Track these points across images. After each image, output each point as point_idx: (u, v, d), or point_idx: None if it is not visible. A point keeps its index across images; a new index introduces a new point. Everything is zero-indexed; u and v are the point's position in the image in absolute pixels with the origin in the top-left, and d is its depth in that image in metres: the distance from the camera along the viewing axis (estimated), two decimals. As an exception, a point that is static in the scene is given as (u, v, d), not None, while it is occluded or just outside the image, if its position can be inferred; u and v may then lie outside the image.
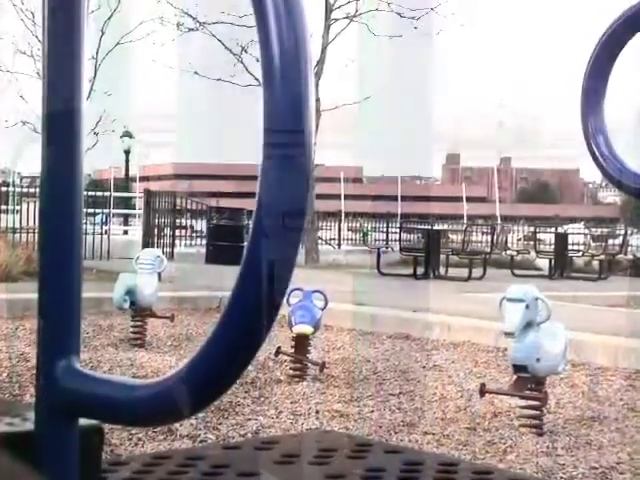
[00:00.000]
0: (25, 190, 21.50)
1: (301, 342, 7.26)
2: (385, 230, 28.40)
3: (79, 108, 1.17)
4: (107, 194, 25.41)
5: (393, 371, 7.62)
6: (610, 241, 25.73)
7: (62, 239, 1.17)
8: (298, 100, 0.90)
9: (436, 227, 22.53)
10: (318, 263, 22.43)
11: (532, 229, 27.02)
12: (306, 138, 0.91)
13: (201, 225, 26.77)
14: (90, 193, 22.52)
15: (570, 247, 22.97)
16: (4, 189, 21.50)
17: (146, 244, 20.04)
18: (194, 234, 27.53)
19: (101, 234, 19.98)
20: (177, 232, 24.63)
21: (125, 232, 29.47)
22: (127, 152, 38.15)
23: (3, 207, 20.50)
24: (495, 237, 24.41)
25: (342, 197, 49.48)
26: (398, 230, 24.17)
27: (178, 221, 25.16)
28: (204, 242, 23.59)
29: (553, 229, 25.14)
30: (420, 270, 19.36)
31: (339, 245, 31.90)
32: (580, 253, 22.93)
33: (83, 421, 1.20)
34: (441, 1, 24.16)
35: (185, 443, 4.94)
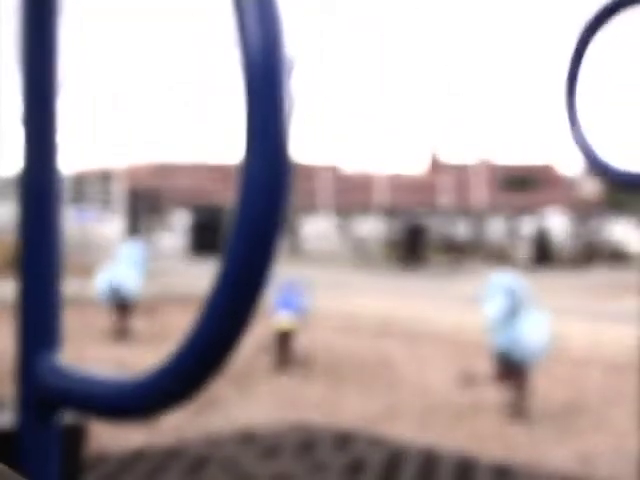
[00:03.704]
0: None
1: (284, 333, 7.27)
2: (366, 222, 28.41)
3: (54, 104, 1.17)
4: (90, 190, 25.33)
5: (375, 360, 7.64)
6: (590, 230, 25.82)
7: (42, 234, 1.17)
8: (275, 103, 0.90)
9: (416, 218, 22.58)
10: (299, 256, 22.42)
11: (513, 219, 27.10)
12: (284, 134, 0.91)
13: (184, 220, 26.74)
14: (72, 189, 22.46)
15: (550, 237, 23.04)
16: None
17: (129, 238, 20.01)
18: (177, 228, 27.48)
19: (83, 229, 19.93)
20: (160, 226, 24.56)
21: (107, 227, 29.41)
22: (112, 146, 38.07)
23: None
24: (476, 228, 24.49)
25: (320, 191, 49.45)
26: (379, 222, 24.20)
27: (161, 216, 25.10)
28: (187, 236, 23.55)
29: (533, 219, 25.23)
30: (402, 261, 19.39)
31: (319, 239, 31.89)
32: (560, 242, 23.01)
33: (65, 416, 1.20)
34: None
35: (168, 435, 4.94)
